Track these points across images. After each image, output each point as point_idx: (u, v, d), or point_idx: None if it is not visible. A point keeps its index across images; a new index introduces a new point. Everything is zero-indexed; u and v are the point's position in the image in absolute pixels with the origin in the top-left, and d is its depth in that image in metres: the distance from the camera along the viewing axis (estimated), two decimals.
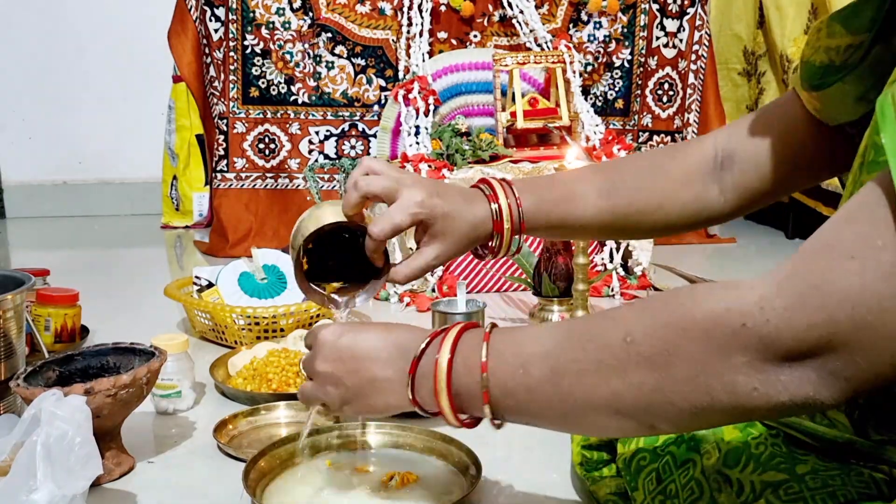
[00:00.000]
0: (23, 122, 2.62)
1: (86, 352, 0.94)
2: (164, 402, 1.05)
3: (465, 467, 0.84)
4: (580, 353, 0.52)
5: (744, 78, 2.41)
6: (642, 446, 0.71)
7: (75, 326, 1.29)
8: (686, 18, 2.25)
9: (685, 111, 2.31)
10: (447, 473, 0.84)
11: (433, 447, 0.87)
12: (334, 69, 2.13)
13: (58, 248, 2.26)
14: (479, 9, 2.12)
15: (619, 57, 2.24)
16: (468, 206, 0.75)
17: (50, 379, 0.89)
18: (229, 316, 1.29)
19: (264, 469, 0.84)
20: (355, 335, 0.64)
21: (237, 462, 0.91)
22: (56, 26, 2.57)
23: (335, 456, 0.87)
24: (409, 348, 0.61)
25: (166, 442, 0.98)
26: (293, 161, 2.16)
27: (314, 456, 0.87)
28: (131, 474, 0.89)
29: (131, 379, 0.85)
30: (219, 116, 2.14)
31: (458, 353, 0.58)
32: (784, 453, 0.60)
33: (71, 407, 0.71)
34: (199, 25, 2.12)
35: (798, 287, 0.44)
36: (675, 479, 0.65)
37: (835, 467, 0.57)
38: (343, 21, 2.11)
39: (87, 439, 0.69)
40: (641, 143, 2.29)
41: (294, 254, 0.77)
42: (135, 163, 2.63)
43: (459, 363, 0.58)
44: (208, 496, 0.85)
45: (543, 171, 1.74)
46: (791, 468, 0.58)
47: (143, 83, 2.56)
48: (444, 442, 0.87)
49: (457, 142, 1.78)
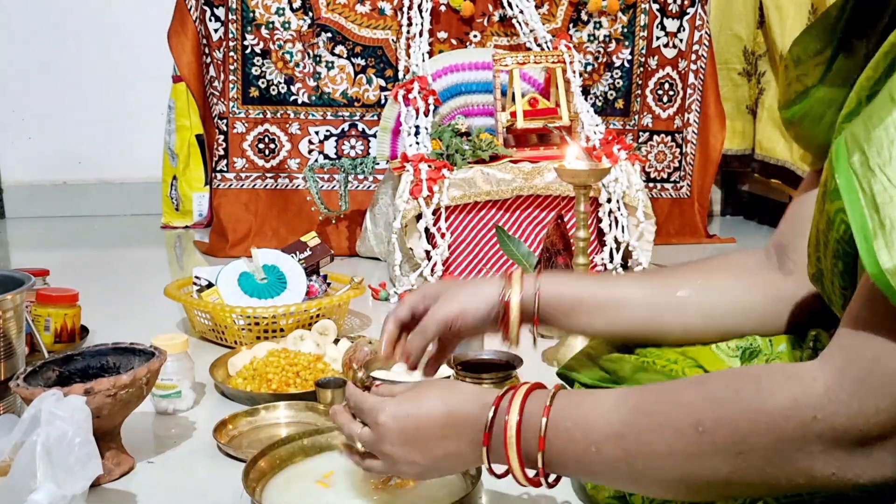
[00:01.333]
0: (22, 122, 2.62)
1: (86, 352, 0.94)
2: (164, 402, 1.05)
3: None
4: (652, 436, 0.54)
5: (744, 78, 2.41)
6: None
7: (75, 326, 1.29)
8: (686, 18, 2.25)
9: (685, 111, 2.31)
10: None
11: None
12: (334, 69, 2.13)
13: (58, 248, 2.26)
14: (479, 9, 2.12)
15: (619, 57, 2.24)
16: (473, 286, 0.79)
17: (50, 379, 0.89)
18: (229, 316, 1.29)
19: (264, 469, 0.84)
20: (417, 416, 0.64)
21: (237, 462, 0.90)
22: (56, 27, 2.57)
23: (336, 456, 0.87)
24: (473, 417, 0.63)
25: (166, 442, 0.98)
26: (293, 161, 2.16)
27: (315, 455, 0.87)
28: (131, 474, 0.89)
29: (131, 379, 0.85)
30: (218, 116, 2.14)
31: (525, 416, 0.60)
32: None
33: (71, 407, 0.71)
34: (198, 25, 2.12)
35: (857, 374, 0.46)
36: None
37: None
38: (343, 21, 2.11)
39: (87, 439, 0.69)
40: (641, 143, 2.29)
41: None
42: (134, 163, 2.63)
43: (526, 428, 0.60)
44: (208, 496, 0.85)
45: (543, 171, 1.74)
46: None
47: (142, 83, 2.56)
48: None
49: (457, 142, 1.78)
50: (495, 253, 1.73)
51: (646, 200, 1.82)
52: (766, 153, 2.31)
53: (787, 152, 2.20)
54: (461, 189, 1.71)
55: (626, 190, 1.79)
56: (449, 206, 1.70)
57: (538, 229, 1.77)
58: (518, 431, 0.60)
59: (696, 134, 2.32)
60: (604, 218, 1.80)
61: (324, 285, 1.48)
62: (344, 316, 1.44)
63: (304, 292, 1.41)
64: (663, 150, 2.32)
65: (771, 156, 2.28)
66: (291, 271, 1.43)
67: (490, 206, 1.73)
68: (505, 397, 0.62)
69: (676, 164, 2.34)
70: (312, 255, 1.52)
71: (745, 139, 2.41)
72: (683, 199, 2.34)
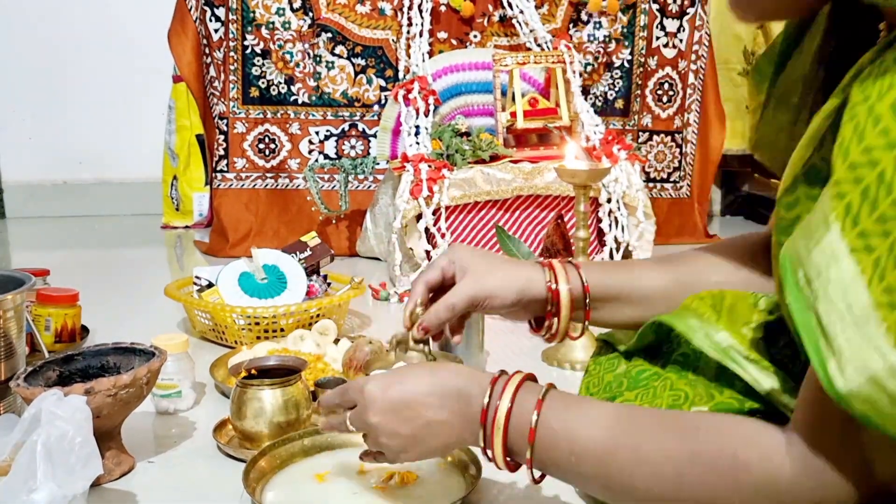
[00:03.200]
0: (23, 122, 2.62)
1: (86, 352, 0.94)
2: (165, 402, 1.06)
3: (465, 466, 0.84)
4: (634, 469, 0.58)
5: (744, 78, 2.41)
6: None
7: (75, 326, 1.29)
8: (686, 18, 2.26)
9: (685, 111, 2.31)
10: (447, 473, 0.84)
11: None
12: (334, 69, 2.13)
13: (58, 248, 2.27)
14: (479, 9, 2.12)
15: (619, 57, 2.24)
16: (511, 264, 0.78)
17: (50, 379, 0.89)
18: (229, 316, 1.30)
19: (264, 469, 0.84)
20: (402, 385, 0.66)
21: (237, 462, 0.91)
22: (56, 27, 2.57)
23: (336, 455, 0.88)
24: (458, 389, 0.64)
25: (166, 442, 0.98)
26: (293, 161, 2.16)
27: (315, 455, 0.88)
28: (131, 474, 0.89)
29: (131, 379, 0.85)
30: (219, 116, 2.14)
31: (515, 408, 0.62)
32: None
33: (71, 407, 0.71)
34: (199, 25, 2.13)
35: (819, 467, 0.51)
36: None
37: None
38: (343, 21, 2.11)
39: (87, 439, 0.69)
40: (641, 144, 2.29)
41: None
42: (135, 163, 2.63)
43: (514, 421, 0.62)
44: (208, 496, 0.85)
45: (543, 171, 1.75)
46: None
47: (142, 83, 2.56)
48: None
49: (457, 142, 1.79)
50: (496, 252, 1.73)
51: (646, 200, 1.82)
52: None
53: None
54: (461, 189, 1.71)
55: (626, 190, 1.80)
56: (449, 206, 1.71)
57: (538, 229, 1.78)
58: (507, 419, 0.61)
59: (696, 134, 2.33)
60: (604, 218, 1.80)
61: (324, 285, 1.48)
62: (344, 316, 1.44)
63: (304, 292, 1.41)
64: (663, 150, 2.33)
65: None
66: (292, 271, 1.44)
67: (490, 206, 1.74)
68: (499, 381, 0.63)
69: (676, 164, 2.35)
70: (313, 255, 1.52)
71: (745, 139, 2.42)
72: (683, 199, 2.35)
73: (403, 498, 0.80)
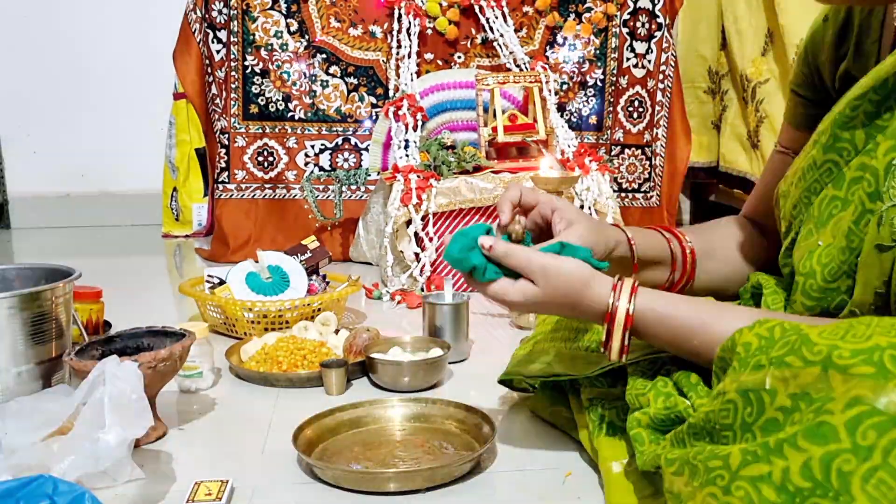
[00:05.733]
0: (28, 136, 2.69)
1: (123, 334, 1.07)
2: (188, 382, 1.19)
3: (479, 427, 0.97)
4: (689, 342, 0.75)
5: (709, 96, 2.54)
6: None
7: (99, 320, 1.41)
8: (654, 41, 2.40)
9: (654, 126, 2.45)
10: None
11: (451, 414, 1.01)
12: (328, 87, 2.24)
13: (62, 258, 2.32)
14: (462, 32, 2.24)
15: (593, 76, 2.38)
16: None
17: (94, 356, 1.02)
18: (240, 310, 1.42)
19: (311, 437, 0.96)
20: (559, 264, 0.79)
21: (257, 433, 1.04)
22: (60, 46, 2.65)
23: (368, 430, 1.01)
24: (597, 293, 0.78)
25: (189, 416, 1.11)
26: (290, 173, 2.26)
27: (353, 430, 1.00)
28: (165, 438, 1.02)
29: (168, 353, 0.98)
30: (220, 131, 2.25)
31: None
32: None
33: (127, 370, 0.84)
34: (202, 47, 2.24)
35: None
36: None
37: None
38: (337, 43, 2.23)
39: (140, 396, 0.83)
40: (614, 156, 2.44)
41: None
42: (136, 176, 2.70)
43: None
44: (233, 455, 0.99)
45: (522, 181, 1.88)
46: None
47: (144, 100, 2.64)
48: (463, 409, 1.01)
49: (443, 154, 1.89)
50: None
51: (615, 208, 1.95)
52: (729, 165, 2.45)
53: (748, 164, 2.35)
54: (447, 197, 1.82)
55: (597, 198, 1.93)
56: (436, 213, 1.81)
57: None
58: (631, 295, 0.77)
59: (664, 147, 2.45)
60: None
61: (323, 284, 1.60)
62: (342, 311, 1.56)
63: (305, 290, 1.53)
64: (634, 162, 2.46)
65: (733, 168, 2.42)
66: (294, 271, 1.55)
67: (474, 213, 1.85)
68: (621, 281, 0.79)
69: (646, 176, 2.48)
70: (312, 256, 1.65)
71: (711, 153, 2.54)
72: (653, 208, 2.48)
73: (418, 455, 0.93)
